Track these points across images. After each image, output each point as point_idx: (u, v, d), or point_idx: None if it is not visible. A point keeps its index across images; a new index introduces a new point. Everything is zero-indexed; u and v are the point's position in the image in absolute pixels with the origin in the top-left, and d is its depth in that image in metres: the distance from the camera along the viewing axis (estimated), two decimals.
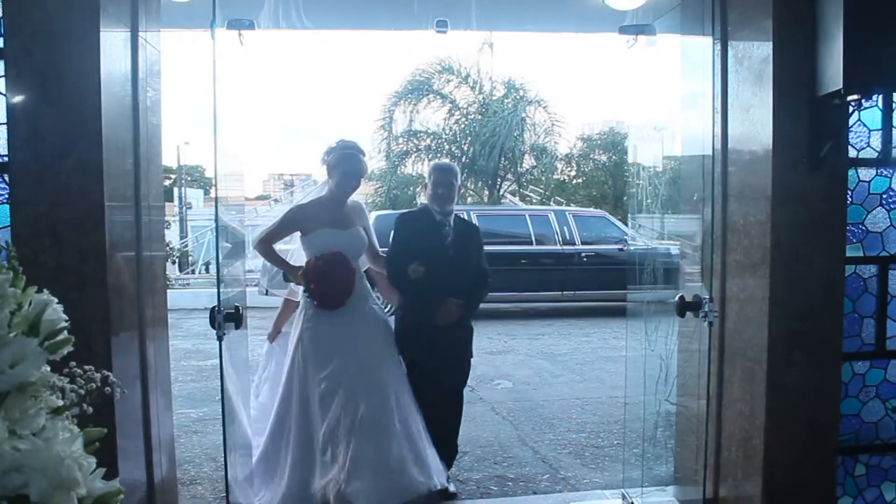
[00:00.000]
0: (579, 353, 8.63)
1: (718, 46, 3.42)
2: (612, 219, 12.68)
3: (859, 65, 2.62)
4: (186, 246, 25.10)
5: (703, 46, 3.48)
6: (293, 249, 4.45)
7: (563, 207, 15.42)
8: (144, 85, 3.25)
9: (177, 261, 17.44)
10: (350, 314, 3.93)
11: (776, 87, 3.02)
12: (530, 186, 21.93)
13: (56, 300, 1.09)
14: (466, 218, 5.07)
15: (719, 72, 3.41)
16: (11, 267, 1.05)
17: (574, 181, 23.42)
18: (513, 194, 21.25)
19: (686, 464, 3.78)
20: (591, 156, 22.83)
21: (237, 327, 2.98)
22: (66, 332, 1.08)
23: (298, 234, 4.14)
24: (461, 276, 4.06)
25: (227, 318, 2.79)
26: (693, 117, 3.59)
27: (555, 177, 22.37)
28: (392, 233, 4.26)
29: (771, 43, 3.02)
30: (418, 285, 3.97)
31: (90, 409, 1.08)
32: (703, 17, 3.40)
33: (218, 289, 2.87)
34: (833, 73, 2.73)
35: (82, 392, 1.08)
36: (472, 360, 4.30)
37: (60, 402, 1.05)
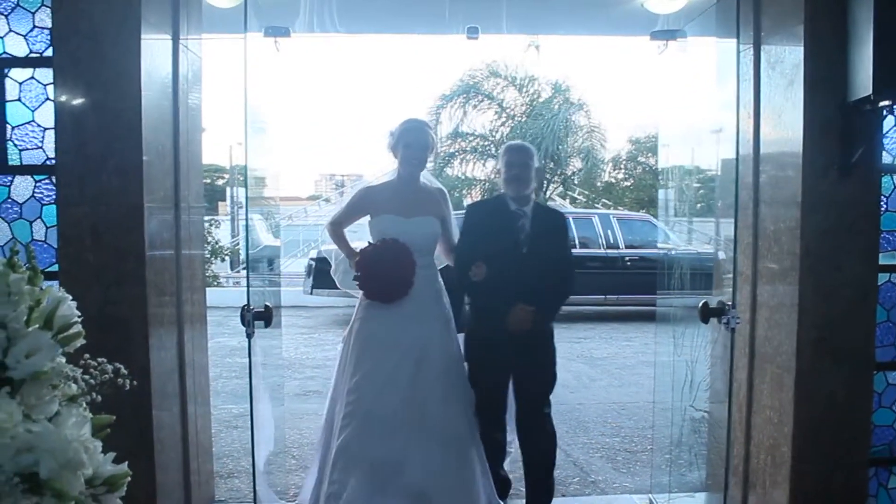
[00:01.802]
0: (620, 358, 8.57)
1: (751, 51, 3.39)
2: (657, 222, 12.54)
3: (889, 70, 2.58)
4: (237, 244, 25.64)
5: (735, 51, 3.45)
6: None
7: (608, 210, 15.30)
8: (185, 89, 3.38)
9: (227, 258, 17.80)
10: (406, 313, 3.50)
11: (807, 92, 2.99)
12: (577, 189, 21.81)
13: (70, 297, 1.18)
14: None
15: (751, 77, 3.39)
16: (31, 267, 1.14)
17: (622, 184, 23.20)
18: (561, 197, 21.16)
19: (717, 471, 3.75)
20: (640, 158, 22.59)
21: (266, 325, 3.08)
22: (78, 326, 1.16)
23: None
24: (536, 276, 3.44)
25: (256, 316, 2.90)
26: (725, 122, 3.57)
27: (603, 179, 22.21)
28: (461, 226, 3.75)
29: (802, 48, 3.00)
30: (485, 287, 3.43)
31: (100, 398, 1.16)
32: (737, 22, 3.38)
33: (248, 286, 2.97)
34: (863, 78, 2.70)
35: (93, 382, 1.16)
36: (555, 371, 3.68)
37: (75, 391, 1.14)
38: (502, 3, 4.01)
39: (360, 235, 3.74)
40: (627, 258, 11.63)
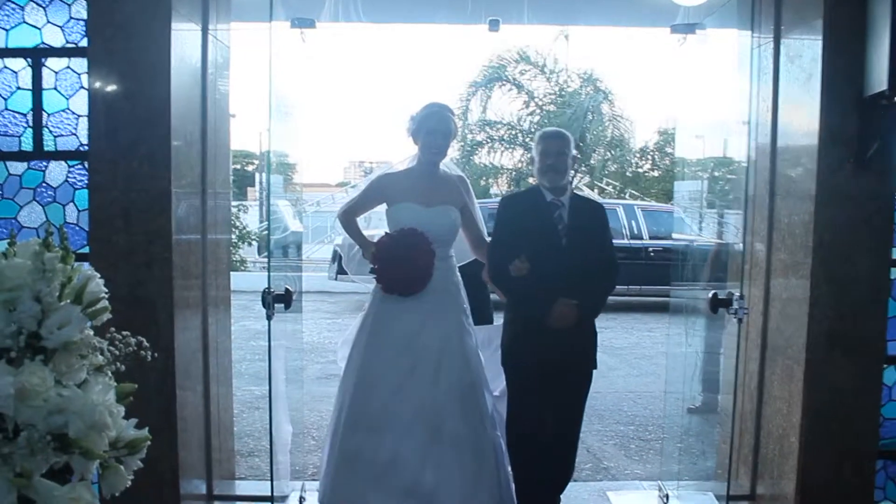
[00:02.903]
0: (639, 348, 8.61)
1: (771, 45, 3.41)
2: (682, 213, 12.49)
3: None
4: (265, 230, 25.89)
5: (755, 44, 3.47)
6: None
7: (631, 201, 15.24)
8: (214, 78, 3.49)
9: (254, 243, 18.05)
10: (424, 309, 3.36)
11: (825, 86, 3.01)
12: (605, 179, 21.70)
13: (98, 275, 1.30)
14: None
15: (771, 70, 3.41)
16: (63, 247, 1.25)
17: (649, 174, 23.03)
18: (590, 187, 21.07)
19: (727, 460, 3.80)
20: (667, 149, 22.41)
21: (287, 308, 3.19)
22: (105, 301, 1.27)
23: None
24: (577, 268, 3.23)
25: (276, 299, 3.00)
26: (743, 115, 3.59)
27: (631, 170, 22.07)
28: (494, 220, 3.50)
29: (821, 42, 3.01)
30: (524, 283, 3.21)
31: (123, 368, 1.27)
32: (752, 16, 3.40)
33: (269, 270, 3.08)
34: (879, 73, 2.72)
35: (118, 353, 1.27)
36: (592, 374, 3.47)
37: (102, 361, 1.25)
38: None
39: (374, 224, 3.70)
40: (651, 249, 11.61)
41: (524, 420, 3.30)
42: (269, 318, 2.98)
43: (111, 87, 2.99)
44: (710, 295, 3.17)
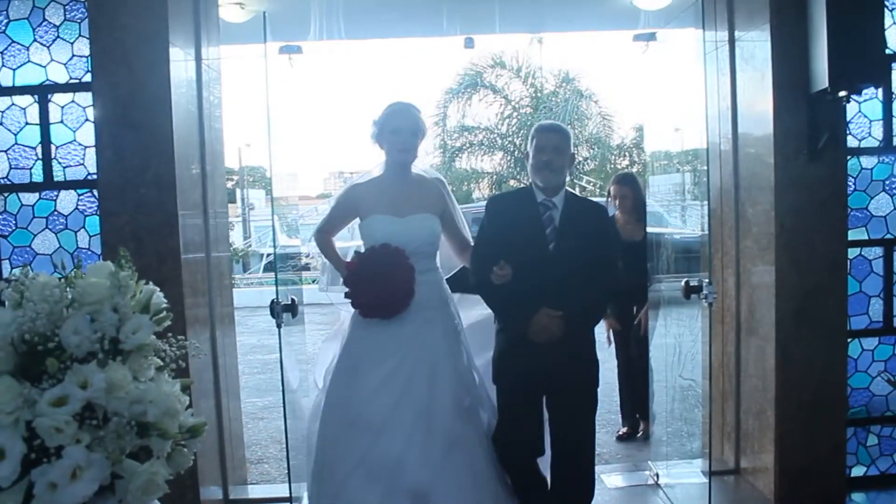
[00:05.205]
0: None
1: (727, 48, 3.67)
2: (657, 206, 12.76)
3: (843, 64, 2.86)
4: (250, 246, 25.97)
5: (711, 48, 3.72)
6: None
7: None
8: (210, 105, 3.69)
9: (240, 261, 18.22)
10: (408, 331, 3.00)
11: (776, 84, 3.28)
12: (585, 177, 22.04)
13: (159, 289, 1.51)
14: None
15: (728, 71, 3.67)
16: (130, 267, 1.47)
17: (628, 170, 23.39)
18: (570, 186, 21.34)
19: (713, 439, 4.04)
20: (643, 145, 22.76)
21: (293, 317, 3.37)
22: (166, 311, 1.50)
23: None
24: (564, 275, 2.89)
25: (284, 308, 3.19)
26: (707, 113, 3.83)
27: (610, 167, 22.41)
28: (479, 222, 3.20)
29: (769, 43, 3.28)
30: (507, 291, 2.88)
31: (184, 365, 1.49)
32: (712, 20, 3.66)
33: (276, 282, 3.27)
34: (821, 72, 2.98)
35: (174, 354, 1.50)
36: (596, 392, 3.08)
37: (161, 363, 1.48)
38: (495, 5, 4.31)
39: (357, 236, 3.30)
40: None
41: (512, 438, 2.98)
42: (278, 326, 3.16)
43: (116, 119, 3.19)
44: (683, 283, 3.40)
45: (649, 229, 4.30)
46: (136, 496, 1.34)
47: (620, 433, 4.93)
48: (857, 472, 3.60)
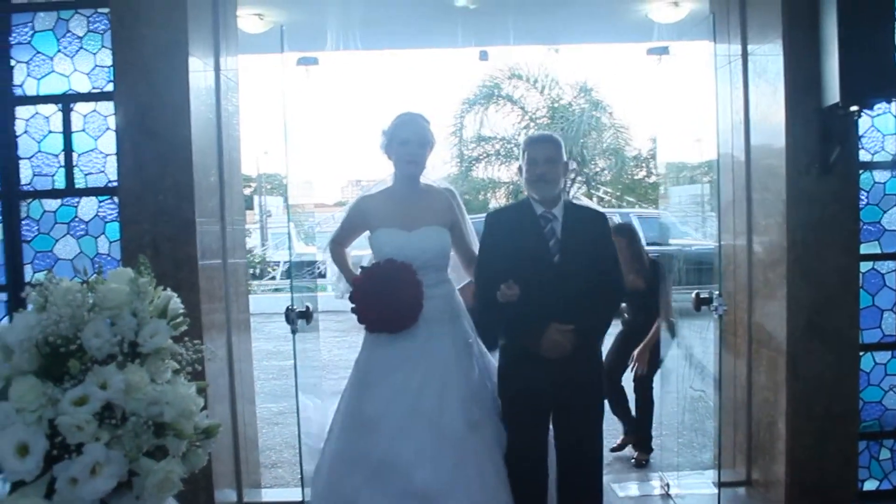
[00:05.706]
0: None
1: (740, 62, 3.69)
2: (673, 218, 12.73)
3: (854, 79, 2.87)
4: (265, 254, 26.07)
5: (724, 61, 3.75)
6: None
7: (628, 209, 15.51)
8: (228, 115, 3.76)
9: (258, 268, 18.34)
10: (417, 347, 2.98)
11: (788, 98, 3.29)
12: (602, 188, 22.02)
13: (176, 295, 1.57)
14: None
15: (741, 84, 3.69)
16: (149, 274, 1.53)
17: (644, 181, 23.34)
18: (588, 196, 21.35)
19: (724, 450, 4.03)
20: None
21: (308, 323, 3.43)
22: (183, 316, 1.56)
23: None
24: (573, 287, 2.86)
25: (299, 315, 3.25)
26: (718, 126, 3.85)
27: (627, 178, 22.38)
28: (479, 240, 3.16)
29: (781, 57, 3.30)
30: (514, 309, 2.83)
31: (200, 368, 1.54)
32: (726, 34, 3.68)
33: (291, 289, 3.33)
34: (833, 87, 2.99)
35: (190, 358, 1.55)
36: (603, 403, 3.14)
37: (178, 367, 1.53)
38: (509, 18, 4.37)
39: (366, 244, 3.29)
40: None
41: (521, 457, 2.96)
42: (293, 332, 3.22)
43: (136, 127, 3.26)
44: (694, 294, 3.42)
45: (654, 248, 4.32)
46: (151, 492, 1.42)
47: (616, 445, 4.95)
48: (870, 486, 3.58)
